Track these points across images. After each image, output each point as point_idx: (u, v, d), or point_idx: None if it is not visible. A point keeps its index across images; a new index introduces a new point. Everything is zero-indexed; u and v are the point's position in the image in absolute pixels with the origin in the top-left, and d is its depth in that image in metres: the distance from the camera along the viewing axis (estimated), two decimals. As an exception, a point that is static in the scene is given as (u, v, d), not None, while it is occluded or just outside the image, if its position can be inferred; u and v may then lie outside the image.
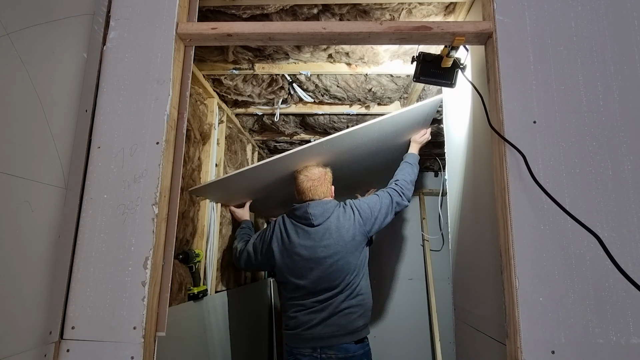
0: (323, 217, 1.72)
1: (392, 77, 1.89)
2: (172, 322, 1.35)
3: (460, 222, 1.39)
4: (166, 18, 1.07)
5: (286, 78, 1.91)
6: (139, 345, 0.88)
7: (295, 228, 1.76)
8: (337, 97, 2.07)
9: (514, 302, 0.87)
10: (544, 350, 0.84)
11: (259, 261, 1.85)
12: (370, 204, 1.79)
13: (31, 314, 0.83)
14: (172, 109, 1.03)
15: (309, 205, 1.75)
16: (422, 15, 1.38)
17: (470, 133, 1.28)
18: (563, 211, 0.86)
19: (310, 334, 1.66)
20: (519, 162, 0.93)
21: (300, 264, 1.70)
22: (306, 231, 1.73)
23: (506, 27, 1.02)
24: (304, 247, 1.70)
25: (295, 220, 1.78)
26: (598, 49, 0.98)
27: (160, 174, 0.97)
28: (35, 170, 0.84)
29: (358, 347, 1.67)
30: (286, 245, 1.75)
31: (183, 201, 1.64)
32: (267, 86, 1.98)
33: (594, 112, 0.95)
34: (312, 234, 1.71)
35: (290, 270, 1.73)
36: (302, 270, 1.70)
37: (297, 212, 1.78)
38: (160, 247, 0.97)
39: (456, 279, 1.43)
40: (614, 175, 0.91)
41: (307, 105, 2.19)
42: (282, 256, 1.75)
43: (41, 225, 0.86)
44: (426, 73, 1.27)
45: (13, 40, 0.78)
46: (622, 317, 0.84)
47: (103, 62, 1.05)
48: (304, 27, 1.06)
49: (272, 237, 1.81)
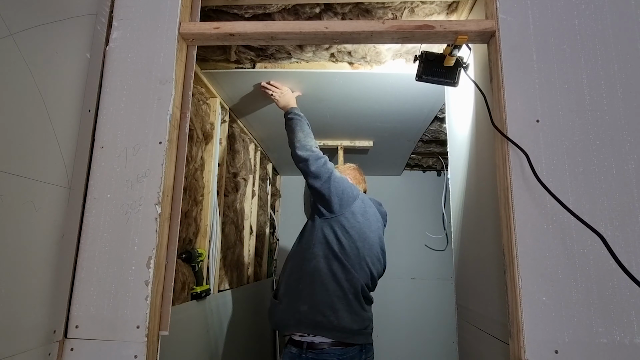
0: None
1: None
2: (175, 321, 1.35)
3: (463, 222, 1.38)
4: (169, 18, 1.07)
5: None
6: (142, 344, 0.89)
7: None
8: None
9: (517, 302, 0.87)
10: (547, 350, 0.84)
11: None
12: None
13: (35, 313, 0.83)
14: (175, 109, 1.04)
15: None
16: (424, 14, 1.38)
17: (473, 132, 1.27)
18: (566, 210, 0.86)
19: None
20: (522, 161, 0.92)
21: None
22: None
23: (509, 25, 1.01)
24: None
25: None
26: (602, 48, 0.98)
27: (163, 173, 0.97)
28: (39, 170, 0.84)
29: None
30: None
31: (186, 201, 1.64)
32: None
33: (598, 110, 0.95)
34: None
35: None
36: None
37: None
38: (163, 247, 0.98)
39: (459, 278, 1.43)
40: (617, 174, 0.91)
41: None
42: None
43: (45, 224, 0.86)
44: (429, 72, 1.26)
45: (17, 40, 0.78)
46: (626, 317, 0.84)
47: (106, 62, 1.05)
48: (306, 26, 1.06)
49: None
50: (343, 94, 1.92)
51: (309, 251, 1.57)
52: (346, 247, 1.55)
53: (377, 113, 2.14)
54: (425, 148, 2.99)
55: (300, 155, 1.58)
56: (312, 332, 1.48)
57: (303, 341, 1.49)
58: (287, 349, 1.55)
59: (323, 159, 1.59)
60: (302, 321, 1.49)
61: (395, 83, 1.80)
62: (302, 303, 1.50)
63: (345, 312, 1.48)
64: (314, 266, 1.53)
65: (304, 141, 1.61)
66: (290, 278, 1.59)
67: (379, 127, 2.40)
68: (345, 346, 1.47)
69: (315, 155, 1.58)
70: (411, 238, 3.54)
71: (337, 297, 1.49)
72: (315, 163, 1.56)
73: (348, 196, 1.61)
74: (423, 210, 3.56)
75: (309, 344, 1.48)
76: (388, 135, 2.54)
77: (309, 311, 1.48)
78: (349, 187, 1.63)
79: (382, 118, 2.23)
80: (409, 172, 3.70)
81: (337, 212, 1.58)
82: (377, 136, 2.60)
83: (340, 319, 1.47)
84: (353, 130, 2.51)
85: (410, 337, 3.39)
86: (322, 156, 1.60)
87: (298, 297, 1.51)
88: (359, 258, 1.57)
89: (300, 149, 1.59)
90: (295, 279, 1.57)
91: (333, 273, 1.51)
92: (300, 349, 1.49)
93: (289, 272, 1.62)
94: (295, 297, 1.52)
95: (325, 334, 1.46)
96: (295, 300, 1.52)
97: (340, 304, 1.49)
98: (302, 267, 1.56)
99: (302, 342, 1.49)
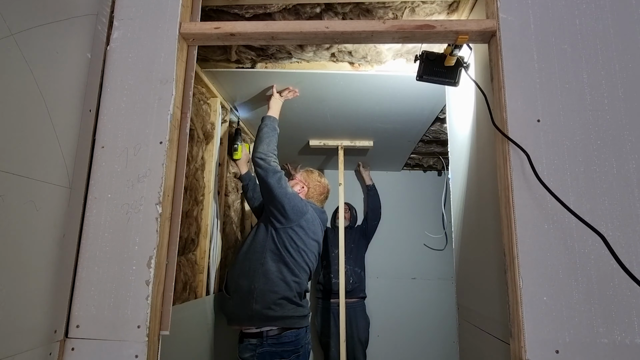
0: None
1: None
2: (176, 321, 1.35)
3: (463, 221, 1.38)
4: (169, 18, 1.07)
5: None
6: (143, 344, 0.89)
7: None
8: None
9: (517, 302, 0.86)
10: (548, 350, 0.84)
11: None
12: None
13: (36, 313, 0.84)
14: (176, 109, 1.04)
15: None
16: (425, 13, 1.38)
17: (473, 132, 1.27)
18: (567, 210, 0.86)
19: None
20: (522, 161, 0.92)
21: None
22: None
23: (510, 25, 1.01)
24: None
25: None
26: (602, 47, 0.98)
27: (163, 173, 0.97)
28: (40, 170, 0.84)
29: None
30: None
31: (186, 200, 1.65)
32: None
33: (599, 110, 0.94)
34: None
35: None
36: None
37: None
38: (164, 247, 0.98)
39: (460, 278, 1.43)
40: (618, 174, 0.91)
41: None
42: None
43: (46, 224, 0.86)
44: (429, 72, 1.26)
45: (18, 40, 0.78)
46: (627, 317, 0.84)
47: (107, 62, 1.05)
48: (306, 26, 1.06)
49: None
50: (343, 94, 1.92)
51: (262, 255, 1.80)
52: (294, 255, 1.82)
53: (378, 114, 2.14)
54: (426, 148, 2.99)
55: (260, 164, 1.78)
56: (263, 324, 1.72)
57: (261, 331, 1.71)
58: (244, 343, 1.75)
59: (279, 174, 1.79)
60: (254, 317, 1.71)
61: (396, 84, 1.79)
62: (254, 302, 1.72)
63: (290, 304, 1.76)
64: (266, 269, 1.77)
65: (268, 153, 1.80)
66: (242, 277, 1.79)
67: (379, 128, 2.40)
68: (297, 329, 1.76)
69: (273, 169, 1.78)
70: (411, 238, 3.54)
71: (284, 296, 1.76)
72: (273, 177, 1.77)
73: (297, 211, 1.84)
74: (423, 210, 3.56)
75: (267, 332, 1.71)
76: (388, 135, 2.54)
77: (260, 309, 1.71)
78: (299, 204, 1.86)
79: (383, 119, 2.23)
80: (409, 172, 3.70)
81: (285, 224, 1.83)
82: (378, 136, 2.60)
83: (286, 311, 1.74)
84: (353, 131, 2.50)
85: (410, 337, 3.39)
86: (278, 171, 1.80)
87: (251, 297, 1.73)
88: (303, 262, 1.86)
89: (261, 159, 1.78)
90: (248, 278, 1.77)
91: (283, 276, 1.78)
92: (260, 339, 1.71)
93: (239, 271, 1.82)
94: (248, 296, 1.74)
95: (275, 324, 1.72)
96: (248, 299, 1.74)
97: (286, 300, 1.76)
98: (255, 269, 1.78)
99: (260, 332, 1.72)
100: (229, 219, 2.21)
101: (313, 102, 2.05)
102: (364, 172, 3.49)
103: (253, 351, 1.70)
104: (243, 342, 1.75)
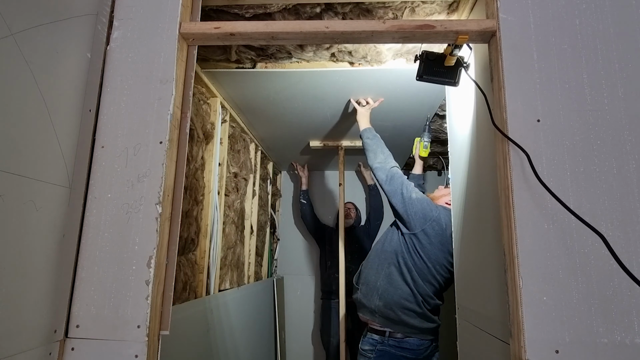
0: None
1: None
2: (176, 321, 1.35)
3: (463, 221, 1.38)
4: (169, 18, 1.07)
5: None
6: (142, 344, 0.89)
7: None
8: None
9: (517, 302, 0.86)
10: (547, 350, 0.84)
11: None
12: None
13: (36, 313, 0.84)
14: (176, 109, 1.04)
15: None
16: (425, 13, 1.38)
17: (473, 132, 1.27)
18: (567, 210, 0.86)
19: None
20: (522, 160, 0.92)
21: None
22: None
23: (510, 25, 1.01)
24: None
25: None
26: (602, 47, 0.98)
27: (163, 173, 0.97)
28: (40, 169, 0.84)
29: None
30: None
31: (186, 200, 1.65)
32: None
33: (599, 110, 0.94)
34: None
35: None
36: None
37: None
38: (164, 246, 0.98)
39: (459, 278, 1.43)
40: (618, 174, 0.91)
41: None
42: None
43: (46, 224, 0.86)
44: (429, 72, 1.26)
45: (17, 40, 0.78)
46: (627, 317, 0.84)
47: (106, 62, 1.05)
48: (306, 26, 1.06)
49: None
50: (343, 92, 1.93)
51: (391, 255, 1.81)
52: (417, 263, 1.77)
53: (377, 110, 2.15)
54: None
55: (380, 176, 1.82)
56: (386, 324, 1.74)
57: (385, 330, 1.75)
58: (367, 336, 1.80)
59: (399, 180, 1.78)
60: (375, 312, 1.76)
61: (394, 79, 1.80)
62: (378, 298, 1.76)
63: (411, 312, 1.73)
64: (391, 272, 1.78)
65: (385, 162, 1.84)
66: (371, 272, 1.84)
67: (379, 127, 2.40)
68: (420, 339, 1.75)
69: (392, 175, 1.79)
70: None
71: (406, 303, 1.73)
72: (392, 183, 1.78)
73: (423, 217, 1.76)
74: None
75: (390, 332, 1.74)
76: (388, 134, 2.54)
77: (382, 307, 1.74)
78: (427, 208, 1.77)
79: (383, 116, 2.23)
80: (409, 172, 3.69)
81: (411, 230, 1.78)
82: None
83: (407, 318, 1.72)
84: (353, 130, 2.50)
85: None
86: (400, 176, 1.79)
87: (375, 292, 1.78)
88: (429, 273, 1.77)
89: (379, 169, 1.82)
90: (375, 275, 1.82)
91: (406, 283, 1.75)
92: (382, 337, 1.75)
93: (371, 264, 1.87)
94: (373, 291, 1.79)
95: (395, 328, 1.73)
96: (372, 293, 1.79)
97: (407, 308, 1.73)
98: (382, 268, 1.81)
99: (383, 331, 1.75)
100: (229, 219, 2.21)
101: (313, 102, 2.05)
102: (365, 173, 3.49)
103: (373, 346, 1.75)
104: (366, 336, 1.81)
